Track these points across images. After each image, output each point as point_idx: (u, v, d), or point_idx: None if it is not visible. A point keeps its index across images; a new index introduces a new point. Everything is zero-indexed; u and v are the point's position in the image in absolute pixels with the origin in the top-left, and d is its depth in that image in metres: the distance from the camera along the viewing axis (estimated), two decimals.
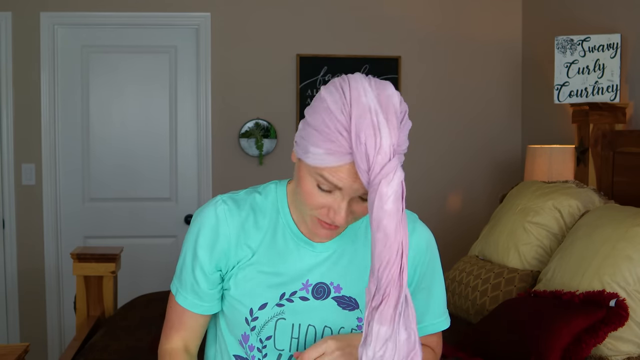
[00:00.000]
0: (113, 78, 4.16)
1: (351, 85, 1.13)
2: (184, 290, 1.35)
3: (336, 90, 1.13)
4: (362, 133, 1.08)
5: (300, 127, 1.19)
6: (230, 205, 1.32)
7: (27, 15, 4.02)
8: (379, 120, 1.08)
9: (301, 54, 4.18)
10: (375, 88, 1.13)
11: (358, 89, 1.11)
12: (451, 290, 2.99)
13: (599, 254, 2.40)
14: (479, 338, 2.45)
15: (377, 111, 1.09)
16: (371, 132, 1.07)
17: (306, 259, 1.31)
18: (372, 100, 1.10)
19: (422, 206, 4.17)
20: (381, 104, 1.10)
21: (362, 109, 1.09)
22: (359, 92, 1.11)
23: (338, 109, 1.11)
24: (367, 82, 1.14)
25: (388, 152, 1.08)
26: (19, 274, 4.08)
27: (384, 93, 1.12)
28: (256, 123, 4.15)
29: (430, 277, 1.39)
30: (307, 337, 1.32)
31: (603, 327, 2.19)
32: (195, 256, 1.32)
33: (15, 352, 2.13)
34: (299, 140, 1.18)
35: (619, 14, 3.30)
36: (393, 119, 1.10)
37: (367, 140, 1.07)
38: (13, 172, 4.05)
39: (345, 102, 1.11)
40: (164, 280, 4.10)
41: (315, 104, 1.16)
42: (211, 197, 4.16)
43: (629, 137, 3.07)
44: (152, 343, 2.68)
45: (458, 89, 4.31)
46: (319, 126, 1.12)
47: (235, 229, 1.30)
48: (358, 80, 1.14)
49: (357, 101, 1.10)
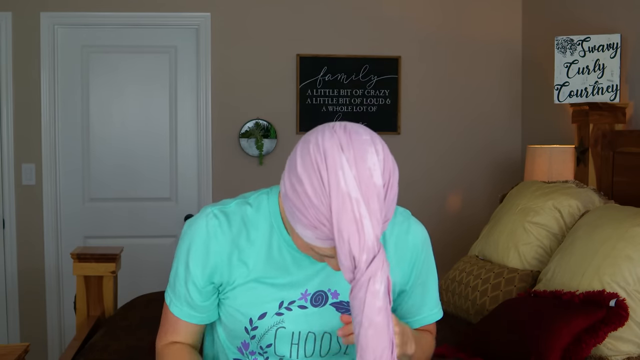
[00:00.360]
0: (113, 78, 4.16)
1: (328, 165, 1.05)
2: (178, 301, 1.34)
3: (314, 172, 1.06)
4: (345, 230, 1.02)
5: (287, 184, 1.11)
6: (221, 219, 1.30)
7: (27, 15, 4.02)
8: (361, 213, 1.02)
9: (301, 54, 4.18)
10: (354, 162, 1.05)
11: (336, 171, 1.04)
12: (451, 290, 2.99)
13: (599, 254, 2.40)
14: (479, 338, 2.45)
15: (358, 200, 1.03)
16: (354, 227, 1.02)
17: (303, 269, 1.31)
18: (352, 184, 1.03)
19: (422, 206, 4.18)
20: (361, 188, 1.04)
21: (342, 199, 1.03)
22: (337, 176, 1.04)
23: (318, 199, 1.05)
24: (345, 154, 1.05)
25: (373, 248, 1.03)
26: (19, 274, 4.08)
27: (363, 168, 1.05)
28: (256, 123, 4.15)
29: (425, 272, 1.41)
30: (307, 343, 1.32)
31: (603, 327, 2.19)
32: (187, 270, 1.31)
33: (15, 352, 2.13)
34: (285, 198, 1.12)
35: (619, 14, 3.30)
36: (375, 204, 1.04)
37: (350, 239, 1.02)
38: (13, 172, 4.05)
39: (324, 191, 1.04)
40: (164, 280, 4.10)
41: (293, 180, 1.09)
42: (211, 197, 4.16)
43: (629, 137, 3.07)
44: (152, 343, 2.68)
45: (458, 89, 4.31)
46: (301, 210, 1.07)
47: (228, 245, 1.29)
48: (335, 154, 1.05)
49: (337, 189, 1.03)
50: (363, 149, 1.07)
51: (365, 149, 1.07)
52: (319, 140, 1.08)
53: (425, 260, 1.40)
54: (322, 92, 4.20)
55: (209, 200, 4.17)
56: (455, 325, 2.79)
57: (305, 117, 4.19)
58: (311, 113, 4.20)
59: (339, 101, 4.21)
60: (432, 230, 1.32)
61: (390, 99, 4.24)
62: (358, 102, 4.22)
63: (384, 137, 4.25)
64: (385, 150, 1.11)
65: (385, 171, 1.08)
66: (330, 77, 4.20)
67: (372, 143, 1.09)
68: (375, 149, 1.08)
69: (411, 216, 1.39)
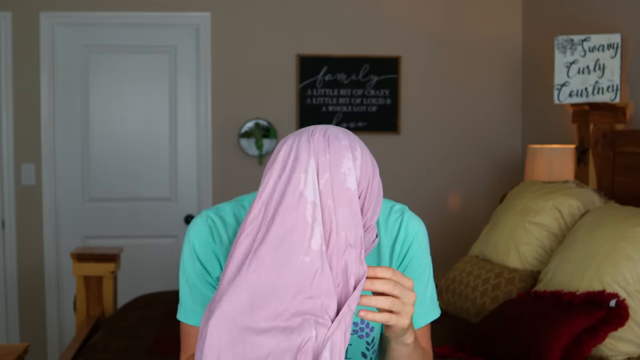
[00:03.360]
0: (113, 78, 4.16)
1: (295, 166, 1.12)
2: (196, 306, 1.29)
3: (282, 171, 1.14)
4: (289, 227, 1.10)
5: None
6: (217, 222, 1.30)
7: (27, 15, 4.02)
8: (315, 217, 1.08)
9: (301, 54, 4.18)
10: (328, 167, 1.11)
11: (299, 173, 1.12)
12: (451, 290, 2.99)
13: (599, 254, 2.40)
14: (479, 338, 2.45)
15: (315, 205, 1.09)
16: (301, 228, 1.08)
17: None
18: (310, 189, 1.10)
19: (422, 206, 4.17)
20: (333, 193, 1.10)
21: (298, 198, 1.11)
22: (299, 178, 1.11)
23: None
24: (320, 159, 1.11)
25: (316, 252, 1.08)
26: (19, 274, 4.08)
27: (337, 173, 1.10)
28: (256, 123, 4.15)
29: (417, 266, 1.33)
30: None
31: (603, 327, 2.19)
32: (197, 269, 1.29)
33: (15, 352, 2.13)
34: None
35: (619, 14, 3.30)
36: (346, 209, 1.09)
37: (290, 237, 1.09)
38: (13, 172, 4.05)
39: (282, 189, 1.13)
40: (164, 280, 4.10)
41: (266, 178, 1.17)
42: (211, 197, 4.16)
43: (629, 137, 3.07)
44: (152, 343, 2.67)
45: (458, 89, 4.31)
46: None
47: (224, 247, 1.29)
48: (303, 159, 1.12)
49: (294, 189, 1.10)
50: (340, 154, 1.11)
51: (341, 154, 1.11)
52: (294, 143, 1.13)
53: (418, 252, 1.33)
54: (322, 92, 4.20)
55: (209, 200, 4.16)
56: (455, 325, 2.79)
57: (305, 117, 4.19)
58: (311, 113, 4.19)
59: (339, 101, 4.21)
60: (432, 230, 1.31)
61: (390, 99, 4.24)
62: (358, 102, 4.22)
63: (384, 137, 4.25)
64: (365, 155, 1.14)
65: (363, 177, 1.11)
66: (330, 77, 4.20)
67: (350, 148, 1.12)
68: (352, 155, 1.11)
69: (408, 210, 1.35)
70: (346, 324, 1.07)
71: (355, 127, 4.21)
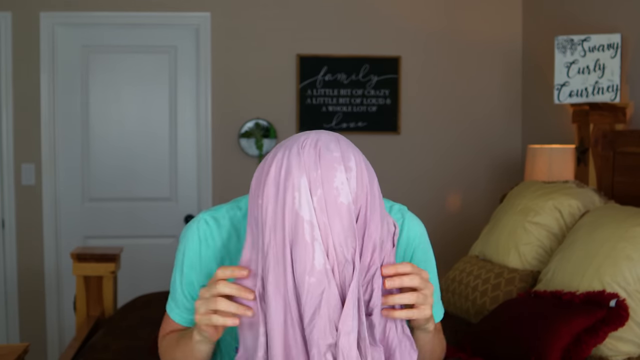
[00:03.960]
0: (113, 78, 4.16)
1: (287, 185, 1.10)
2: (177, 308, 1.34)
3: (275, 188, 1.12)
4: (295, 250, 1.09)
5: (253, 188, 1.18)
6: (212, 225, 1.29)
7: (27, 15, 4.02)
8: (314, 236, 1.07)
9: (301, 54, 4.18)
10: (320, 183, 1.09)
11: (293, 192, 1.10)
12: (451, 290, 2.99)
13: (599, 254, 2.40)
14: (479, 338, 2.45)
15: (312, 224, 1.08)
16: (303, 250, 1.08)
17: None
18: (305, 208, 1.08)
19: (422, 206, 4.17)
20: (327, 209, 1.07)
21: (295, 220, 1.10)
22: (293, 197, 1.10)
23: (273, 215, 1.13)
24: (311, 175, 1.09)
25: (320, 271, 1.07)
26: (19, 274, 4.08)
27: (330, 188, 1.08)
28: (256, 123, 4.15)
29: (423, 267, 1.35)
30: None
31: (603, 327, 2.19)
32: (182, 276, 1.31)
33: (15, 352, 2.13)
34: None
35: (619, 14, 3.30)
36: (339, 225, 1.08)
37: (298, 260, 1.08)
38: (13, 172, 4.05)
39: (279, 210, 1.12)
40: (164, 280, 4.10)
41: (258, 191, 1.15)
42: (211, 197, 4.16)
43: (629, 137, 3.07)
44: (152, 343, 2.67)
45: (458, 89, 4.31)
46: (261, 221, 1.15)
47: (219, 251, 1.29)
48: (295, 176, 1.09)
49: (291, 210, 1.09)
50: (331, 167, 1.07)
51: (334, 167, 1.07)
52: (285, 157, 1.10)
53: (422, 254, 1.35)
54: (322, 92, 4.20)
55: (208, 200, 4.16)
56: (455, 325, 2.79)
57: (305, 117, 4.19)
58: (311, 113, 4.20)
59: (339, 101, 4.21)
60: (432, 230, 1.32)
61: (390, 99, 4.24)
62: (358, 102, 4.22)
63: (384, 137, 4.25)
64: (360, 164, 1.11)
65: (360, 186, 1.09)
66: (330, 77, 4.20)
67: (342, 160, 1.09)
68: (345, 166, 1.08)
69: (407, 211, 1.35)
70: (356, 335, 1.08)
71: (355, 127, 4.22)
